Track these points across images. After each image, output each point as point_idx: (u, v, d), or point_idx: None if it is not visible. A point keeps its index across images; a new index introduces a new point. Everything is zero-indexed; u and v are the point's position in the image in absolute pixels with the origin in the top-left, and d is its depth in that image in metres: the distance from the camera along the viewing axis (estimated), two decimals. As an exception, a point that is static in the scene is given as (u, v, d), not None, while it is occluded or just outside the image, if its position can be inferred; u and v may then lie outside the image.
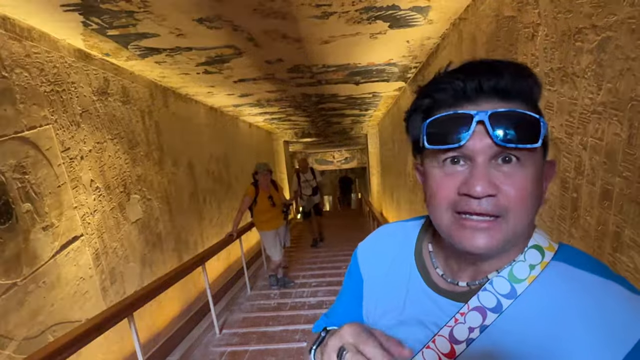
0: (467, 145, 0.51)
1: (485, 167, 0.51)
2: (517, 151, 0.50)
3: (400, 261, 0.71)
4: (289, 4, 2.26)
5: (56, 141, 2.38)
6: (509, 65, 0.52)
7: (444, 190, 0.54)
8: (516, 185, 0.50)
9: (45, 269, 2.20)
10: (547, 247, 0.58)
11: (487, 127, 0.49)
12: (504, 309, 0.56)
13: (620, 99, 1.17)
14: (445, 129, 0.52)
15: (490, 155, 0.51)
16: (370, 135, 9.28)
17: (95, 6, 2.11)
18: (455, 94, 0.53)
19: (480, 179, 0.50)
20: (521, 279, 0.56)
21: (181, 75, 3.67)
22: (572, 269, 0.55)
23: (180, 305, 3.89)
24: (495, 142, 0.50)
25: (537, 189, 0.53)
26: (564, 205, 1.54)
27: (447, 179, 0.54)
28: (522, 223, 0.53)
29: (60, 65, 2.48)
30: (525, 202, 0.51)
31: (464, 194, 0.52)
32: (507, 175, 0.51)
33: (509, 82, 0.51)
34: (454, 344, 0.58)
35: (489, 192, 0.50)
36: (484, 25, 2.24)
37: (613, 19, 1.17)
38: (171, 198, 3.95)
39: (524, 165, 0.51)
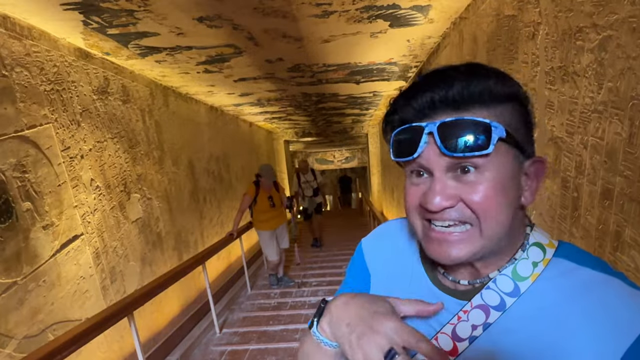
0: (423, 157, 0.53)
1: (442, 180, 0.52)
2: (471, 159, 0.50)
3: (406, 258, 0.72)
4: (289, 3, 2.26)
5: (56, 140, 2.38)
6: (460, 71, 0.52)
7: (412, 200, 0.57)
8: (478, 194, 0.51)
9: (46, 267, 2.20)
10: (547, 244, 0.58)
11: (436, 138, 0.50)
12: (507, 307, 0.56)
13: (621, 98, 1.16)
14: (404, 142, 0.54)
15: (446, 167, 0.52)
16: (370, 135, 9.28)
17: (96, 5, 2.10)
18: (414, 110, 0.54)
19: (436, 193, 0.51)
20: (525, 276, 0.56)
21: (181, 74, 3.67)
22: (573, 266, 0.55)
23: (180, 304, 3.89)
24: (442, 152, 0.50)
25: (505, 192, 0.52)
26: (565, 205, 1.54)
27: (413, 189, 0.56)
28: (495, 229, 0.53)
29: (60, 64, 2.48)
30: (493, 209, 0.51)
31: (423, 207, 0.54)
32: (467, 184, 0.51)
33: (458, 90, 0.51)
34: (457, 341, 0.58)
35: (445, 205, 0.51)
36: (484, 25, 2.24)
37: (614, 17, 1.17)
38: (171, 197, 3.95)
39: (482, 172, 0.51)
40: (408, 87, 0.57)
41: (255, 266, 6.23)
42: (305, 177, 6.99)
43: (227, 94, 4.78)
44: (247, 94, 4.85)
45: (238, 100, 5.18)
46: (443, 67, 0.54)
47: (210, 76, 3.81)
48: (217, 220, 5.27)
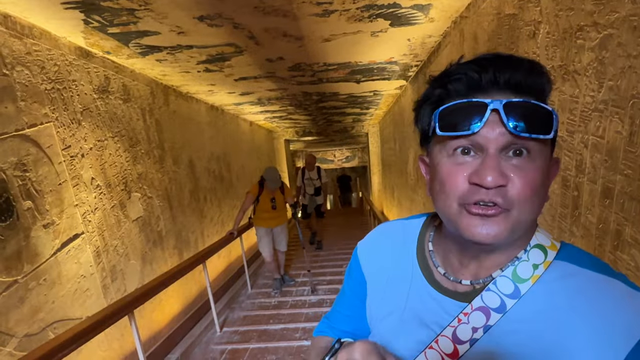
0: (480, 134, 0.51)
1: (496, 158, 0.50)
2: (528, 142, 0.50)
3: (403, 261, 0.71)
4: (290, 2, 2.26)
5: (57, 139, 2.38)
6: (523, 61, 0.52)
7: (454, 180, 0.53)
8: (526, 178, 0.50)
9: (46, 266, 2.20)
10: (549, 246, 0.58)
11: (502, 115, 0.50)
12: (507, 309, 0.56)
13: (622, 97, 1.16)
14: (459, 117, 0.52)
15: (502, 146, 0.51)
16: (371, 134, 9.27)
17: (96, 4, 2.10)
18: (469, 85, 0.53)
19: (492, 169, 0.50)
20: (525, 278, 0.56)
21: (182, 74, 3.67)
22: (575, 268, 0.55)
23: (180, 303, 3.90)
24: (509, 131, 0.50)
25: (544, 184, 0.53)
26: (565, 204, 1.54)
27: (457, 168, 0.53)
28: (528, 216, 0.53)
29: (61, 63, 2.48)
30: (533, 195, 0.51)
31: (475, 183, 0.51)
32: (517, 167, 0.51)
33: (523, 76, 0.51)
34: (457, 344, 0.58)
35: (500, 182, 0.50)
36: (485, 24, 2.23)
37: (615, 16, 1.17)
38: (172, 196, 3.95)
39: (534, 158, 0.51)
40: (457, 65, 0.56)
41: (256, 265, 6.24)
42: (310, 174, 6.85)
43: (228, 93, 4.78)
44: (248, 93, 4.85)
45: (238, 99, 5.18)
46: (500, 52, 0.54)
47: (210, 75, 3.81)
48: (217, 219, 5.28)
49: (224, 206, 5.59)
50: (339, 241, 7.58)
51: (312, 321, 3.86)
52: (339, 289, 0.87)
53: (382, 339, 0.69)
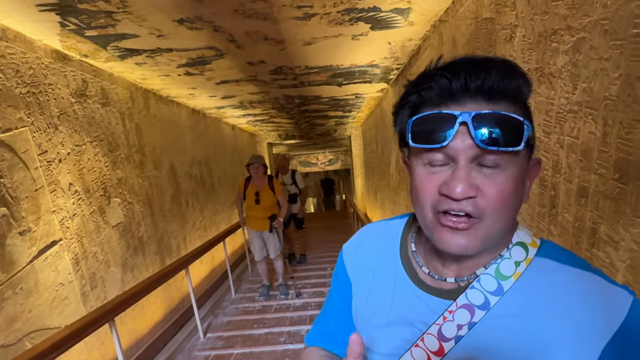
0: (450, 146, 0.51)
1: (466, 169, 0.51)
2: (498, 154, 0.51)
3: (387, 261, 0.72)
4: (270, 5, 2.26)
5: (33, 144, 2.33)
6: (498, 64, 0.52)
7: (427, 189, 0.55)
8: (496, 188, 0.51)
9: (23, 274, 2.14)
10: (530, 243, 0.60)
11: (470, 128, 0.50)
12: (491, 305, 0.57)
13: (595, 99, 1.20)
14: (429, 128, 0.52)
15: (472, 157, 0.51)
16: (353, 137, 9.32)
17: (73, 6, 2.07)
18: (441, 93, 0.53)
19: (461, 181, 0.50)
20: (507, 275, 0.57)
21: (162, 77, 3.63)
22: (554, 264, 0.57)
23: (163, 309, 3.84)
24: (476, 144, 0.50)
25: (518, 190, 0.54)
26: (543, 203, 1.57)
27: (430, 178, 0.54)
28: (500, 224, 0.54)
29: (36, 67, 2.42)
30: (505, 204, 0.52)
31: (444, 194, 0.52)
32: (488, 177, 0.51)
33: (496, 81, 0.51)
34: (443, 341, 0.59)
35: (469, 194, 0.50)
36: (463, 27, 2.27)
37: (587, 20, 1.20)
38: (153, 201, 3.89)
39: (505, 168, 0.52)
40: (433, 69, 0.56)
41: (240, 269, 6.19)
42: (283, 178, 5.88)
43: (209, 97, 4.75)
44: (230, 97, 4.82)
45: (220, 102, 5.15)
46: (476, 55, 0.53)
47: (191, 79, 3.77)
48: (200, 224, 5.22)
49: (206, 211, 5.53)
50: (323, 245, 7.58)
51: (297, 325, 3.85)
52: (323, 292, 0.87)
53: (369, 339, 0.69)
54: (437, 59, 0.58)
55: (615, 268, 1.17)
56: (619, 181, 1.12)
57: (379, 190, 6.98)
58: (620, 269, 1.15)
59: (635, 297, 0.51)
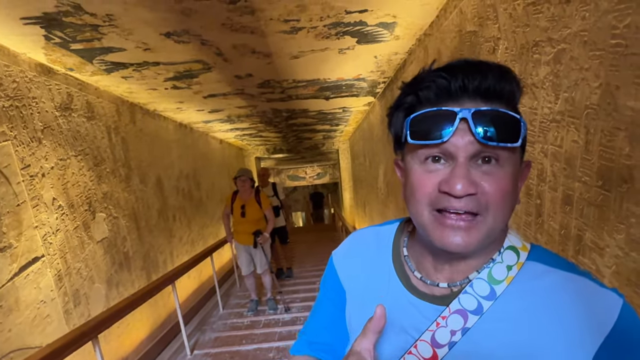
0: (450, 142, 0.52)
1: (466, 166, 0.52)
2: (497, 150, 0.52)
3: (379, 267, 0.71)
4: (258, 19, 2.27)
5: (15, 158, 2.28)
6: (493, 67, 0.53)
7: (425, 188, 0.55)
8: (496, 185, 0.52)
9: (2, 292, 2.08)
10: (521, 247, 0.60)
11: (470, 124, 0.50)
12: (484, 310, 0.57)
13: (577, 108, 1.22)
14: (429, 125, 0.53)
15: (472, 154, 0.52)
16: (341, 151, 9.36)
17: (58, 19, 2.06)
18: (439, 92, 0.54)
19: (462, 178, 0.51)
20: (500, 280, 0.57)
21: (149, 91, 3.62)
22: (545, 268, 0.57)
23: (149, 326, 3.75)
24: (477, 140, 0.50)
25: (514, 189, 0.55)
26: (529, 212, 1.59)
27: (428, 176, 0.54)
28: (499, 221, 0.54)
29: (20, 80, 2.40)
30: (504, 201, 0.53)
31: (444, 192, 0.52)
32: (486, 174, 0.52)
33: (492, 82, 0.52)
34: (436, 347, 0.58)
35: (470, 190, 0.51)
36: (447, 41, 2.31)
37: (567, 31, 1.24)
38: (139, 216, 3.84)
39: (503, 165, 0.52)
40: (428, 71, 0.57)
41: (227, 285, 6.10)
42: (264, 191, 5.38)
43: (197, 111, 4.74)
44: (217, 111, 4.82)
45: (208, 116, 5.14)
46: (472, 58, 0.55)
47: (178, 92, 3.77)
48: (187, 238, 5.16)
49: (193, 225, 5.47)
50: (311, 258, 7.53)
51: (285, 340, 3.79)
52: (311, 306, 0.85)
53: None
54: (431, 63, 0.59)
55: (601, 274, 1.18)
56: (602, 188, 1.14)
57: (367, 203, 6.99)
58: (606, 275, 1.16)
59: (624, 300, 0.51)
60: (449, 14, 2.24)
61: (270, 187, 5.88)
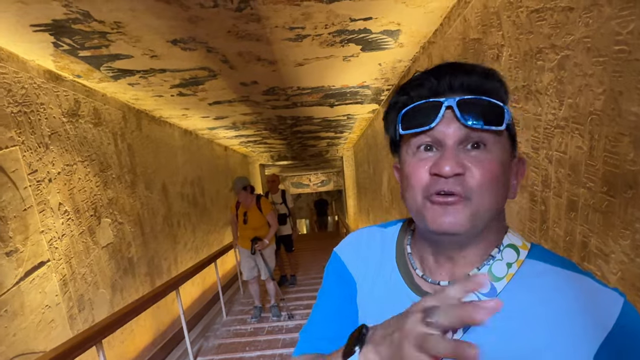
0: (437, 129, 0.55)
1: (453, 149, 0.55)
2: (483, 134, 0.55)
3: (383, 265, 0.72)
4: (263, 27, 2.30)
5: (23, 163, 2.31)
6: (477, 68, 0.58)
7: (417, 174, 0.57)
8: (483, 167, 0.54)
9: (8, 296, 2.09)
10: (521, 245, 0.61)
11: (455, 111, 0.54)
12: None
13: (581, 113, 1.22)
14: (418, 116, 0.57)
15: (459, 139, 0.55)
16: (345, 158, 9.37)
17: (67, 27, 2.09)
18: (429, 91, 0.58)
19: (450, 159, 0.53)
20: (500, 277, 0.58)
21: (155, 98, 3.65)
22: (546, 266, 0.58)
23: (153, 332, 3.75)
24: (462, 124, 0.54)
25: (503, 175, 0.57)
26: (534, 218, 1.58)
27: (420, 163, 0.58)
28: (487, 204, 0.55)
29: (29, 86, 2.43)
30: (492, 184, 0.55)
31: (434, 173, 0.55)
32: (475, 158, 0.55)
33: (477, 80, 0.56)
34: None
35: (457, 170, 0.53)
36: (452, 48, 2.33)
37: (570, 38, 1.24)
38: (144, 222, 3.85)
39: (490, 150, 0.55)
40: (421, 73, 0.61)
41: (231, 291, 6.10)
42: (273, 197, 5.72)
43: (202, 118, 4.77)
44: (222, 117, 4.85)
45: (213, 123, 5.17)
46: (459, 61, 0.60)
47: (184, 99, 3.80)
48: (191, 244, 5.17)
49: (198, 231, 5.48)
50: (315, 265, 7.51)
51: (289, 347, 3.78)
52: None
53: None
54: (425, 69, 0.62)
55: (606, 280, 1.17)
56: (607, 194, 1.14)
57: (371, 210, 6.98)
58: (611, 281, 1.15)
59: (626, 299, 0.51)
60: (452, 21, 2.25)
61: (280, 194, 5.86)
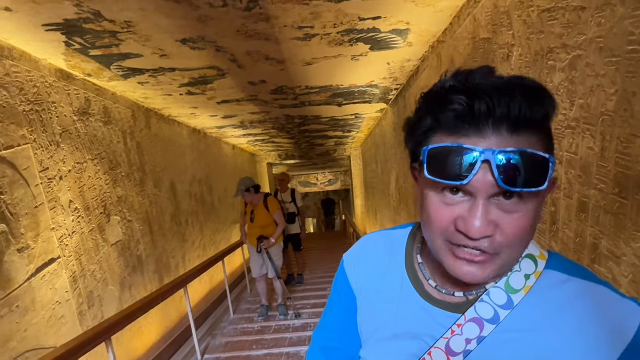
0: (470, 183, 0.48)
1: (485, 206, 0.48)
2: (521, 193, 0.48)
3: (391, 273, 0.70)
4: (272, 26, 2.30)
5: (35, 161, 2.34)
6: (525, 89, 0.46)
7: (441, 220, 0.52)
8: (516, 224, 0.49)
9: (19, 292, 2.12)
10: (539, 256, 0.59)
11: (492, 167, 0.46)
12: (501, 320, 0.56)
13: (592, 114, 1.21)
14: (447, 162, 0.48)
15: (492, 194, 0.48)
16: (353, 157, 9.36)
17: (78, 26, 2.11)
18: (460, 118, 0.48)
19: (479, 220, 0.48)
20: (517, 289, 0.56)
21: (164, 97, 3.67)
22: (564, 277, 0.56)
23: (161, 329, 3.78)
24: (498, 185, 0.46)
25: (538, 220, 0.51)
26: (544, 220, 1.57)
27: (444, 208, 0.51)
28: (516, 257, 0.53)
29: (40, 85, 2.46)
30: (522, 239, 0.50)
31: (460, 231, 0.50)
32: (507, 212, 0.49)
33: (523, 107, 0.46)
34: (451, 356, 0.58)
35: (486, 233, 0.48)
36: (461, 48, 2.31)
37: (582, 38, 1.23)
38: (152, 220, 3.88)
39: (525, 202, 0.49)
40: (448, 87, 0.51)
41: (239, 290, 6.12)
42: (283, 196, 5.74)
43: (210, 117, 4.79)
44: (231, 117, 4.87)
45: (221, 122, 5.19)
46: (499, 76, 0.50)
47: (193, 98, 3.82)
48: (199, 243, 5.19)
49: (206, 230, 5.51)
50: (322, 265, 7.51)
51: (296, 346, 3.78)
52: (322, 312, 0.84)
53: (374, 354, 0.68)
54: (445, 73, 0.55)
55: (617, 283, 1.16)
56: (619, 196, 1.12)
57: (378, 210, 6.97)
58: (623, 284, 1.14)
59: None
60: (462, 21, 2.24)
61: (289, 193, 5.82)
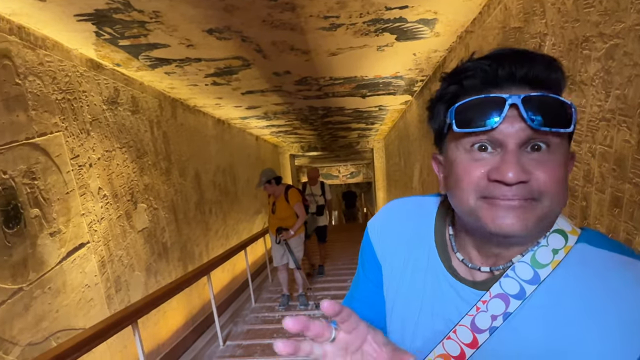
0: (499, 129, 0.50)
1: (516, 153, 0.49)
2: (548, 137, 0.49)
3: (418, 242, 0.69)
4: (298, 16, 2.30)
5: (66, 148, 2.41)
6: (539, 56, 0.52)
7: (472, 176, 0.52)
8: (548, 172, 0.49)
9: (51, 275, 2.20)
10: (570, 231, 0.57)
11: (521, 110, 0.48)
12: (527, 295, 0.54)
13: (629, 105, 1.16)
14: (476, 113, 0.51)
15: (522, 141, 0.49)
16: (376, 150, 9.30)
17: (109, 16, 2.15)
18: (485, 80, 0.52)
19: (513, 165, 0.48)
20: (544, 264, 0.55)
21: (190, 87, 3.72)
22: (597, 251, 0.54)
23: (184, 315, 3.87)
24: (528, 125, 0.48)
25: (565, 177, 0.52)
26: (573, 214, 1.53)
27: (475, 164, 0.52)
28: (556, 206, 0.51)
29: (72, 74, 2.52)
30: (558, 188, 0.50)
31: (496, 180, 0.50)
32: (538, 162, 0.50)
33: (540, 71, 0.51)
34: (477, 333, 0.57)
35: (522, 178, 0.48)
36: (490, 38, 2.26)
37: (620, 26, 1.18)
38: (177, 208, 3.96)
39: (554, 152, 0.50)
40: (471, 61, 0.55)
41: (260, 279, 6.20)
42: (312, 189, 5.90)
43: (234, 107, 4.83)
44: (254, 107, 4.90)
45: (245, 113, 5.23)
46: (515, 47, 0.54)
47: (218, 88, 3.85)
48: (222, 232, 5.27)
49: (229, 219, 5.59)
50: (343, 256, 7.52)
51: (316, 336, 3.81)
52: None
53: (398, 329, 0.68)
54: (471, 55, 0.57)
55: (651, 281, 1.12)
56: (656, 190, 1.08)
57: (401, 203, 6.89)
58: (656, 282, 1.10)
59: None
60: (492, 10, 2.18)
61: (319, 186, 6.00)
